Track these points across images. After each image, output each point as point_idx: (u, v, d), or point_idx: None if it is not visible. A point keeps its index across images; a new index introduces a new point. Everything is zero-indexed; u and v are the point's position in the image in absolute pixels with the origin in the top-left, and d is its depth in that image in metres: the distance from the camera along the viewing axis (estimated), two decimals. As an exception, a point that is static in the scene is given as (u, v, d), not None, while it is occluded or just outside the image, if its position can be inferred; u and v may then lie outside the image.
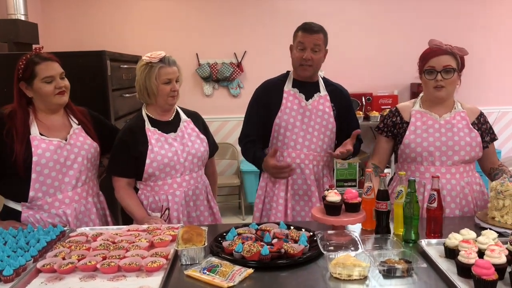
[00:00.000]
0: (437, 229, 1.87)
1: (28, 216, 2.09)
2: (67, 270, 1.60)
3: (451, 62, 2.18)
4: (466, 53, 2.21)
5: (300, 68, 2.44)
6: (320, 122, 2.48)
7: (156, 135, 2.26)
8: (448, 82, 2.19)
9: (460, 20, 5.11)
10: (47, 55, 2.13)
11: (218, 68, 5.07)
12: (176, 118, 2.37)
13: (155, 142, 2.24)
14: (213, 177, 2.58)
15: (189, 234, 1.75)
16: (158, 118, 2.32)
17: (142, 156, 2.22)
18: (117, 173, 2.28)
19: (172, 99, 2.27)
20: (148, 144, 2.22)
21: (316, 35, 2.40)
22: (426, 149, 2.22)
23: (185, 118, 2.39)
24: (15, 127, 2.06)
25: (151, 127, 2.27)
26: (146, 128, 2.26)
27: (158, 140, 2.25)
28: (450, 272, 1.52)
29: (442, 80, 2.18)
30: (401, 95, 5.15)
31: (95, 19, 4.99)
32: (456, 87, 2.25)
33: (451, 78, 2.18)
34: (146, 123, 2.28)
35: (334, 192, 1.94)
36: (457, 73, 2.20)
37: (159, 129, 2.28)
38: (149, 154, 2.21)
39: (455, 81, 2.21)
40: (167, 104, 2.28)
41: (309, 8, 5.02)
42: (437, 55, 2.19)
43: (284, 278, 1.58)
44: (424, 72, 2.23)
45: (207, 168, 2.51)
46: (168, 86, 2.23)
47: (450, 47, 2.20)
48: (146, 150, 2.21)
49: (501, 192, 1.95)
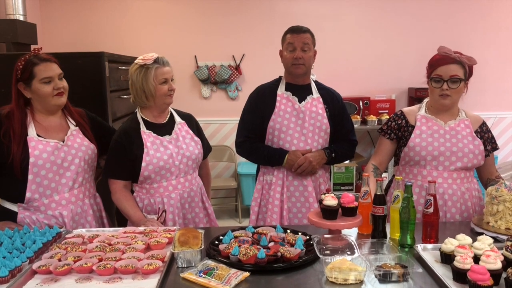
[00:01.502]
0: (433, 234, 1.88)
1: (24, 217, 2.09)
2: (63, 271, 1.60)
3: (459, 72, 2.18)
4: (474, 63, 2.22)
5: (293, 67, 2.48)
6: (314, 124, 2.51)
7: (152, 138, 2.26)
8: (454, 91, 2.20)
9: (458, 25, 5.13)
10: (46, 56, 2.13)
11: (216, 70, 5.08)
12: (171, 120, 2.38)
13: (151, 145, 2.24)
14: (207, 179, 2.59)
15: (185, 237, 1.75)
16: (153, 120, 2.33)
17: (137, 159, 2.22)
18: (113, 175, 2.28)
19: (169, 98, 2.30)
20: (143, 147, 2.23)
21: (304, 34, 2.46)
22: (430, 153, 2.23)
23: (179, 120, 2.40)
24: (13, 127, 2.05)
25: (146, 130, 2.27)
26: (141, 131, 2.27)
27: (153, 143, 2.26)
28: (445, 277, 1.52)
29: (448, 89, 2.19)
30: (399, 99, 5.16)
31: (94, 20, 4.99)
32: (462, 95, 2.26)
33: (457, 88, 2.19)
34: (141, 126, 2.28)
35: (331, 196, 1.95)
36: (463, 82, 2.21)
37: (154, 132, 2.29)
38: (144, 157, 2.21)
39: (461, 90, 2.23)
40: (165, 103, 2.30)
41: (307, 12, 5.03)
42: (445, 63, 2.20)
43: (280, 281, 1.59)
44: (431, 79, 2.24)
45: (201, 169, 2.52)
46: (165, 85, 2.26)
47: (459, 55, 2.21)
48: (142, 153, 2.22)
49: (495, 197, 1.97)
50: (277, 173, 2.53)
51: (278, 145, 2.52)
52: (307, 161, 2.44)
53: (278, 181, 2.53)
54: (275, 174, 2.54)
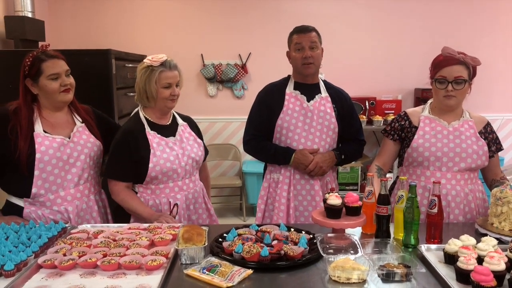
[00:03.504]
0: (437, 234, 1.87)
1: (30, 212, 2.10)
2: (67, 266, 1.61)
3: (463, 73, 2.17)
4: (478, 63, 2.20)
5: (303, 67, 2.48)
6: (322, 123, 2.51)
7: (157, 139, 2.25)
8: (458, 92, 2.19)
9: (465, 26, 5.10)
10: (53, 53, 2.14)
11: (222, 69, 5.08)
12: (174, 122, 2.38)
13: (157, 146, 2.23)
14: (206, 182, 2.59)
15: (189, 234, 1.76)
16: (156, 121, 2.31)
17: (143, 160, 2.19)
18: (116, 177, 2.23)
19: (171, 102, 2.27)
20: (149, 148, 2.21)
21: (310, 33, 2.48)
22: (433, 154, 2.23)
23: (182, 122, 2.41)
24: (20, 123, 2.07)
25: (150, 131, 2.26)
26: (146, 132, 2.25)
27: (159, 144, 2.25)
28: (449, 278, 1.52)
29: (452, 90, 2.18)
30: (405, 100, 5.15)
31: (102, 18, 5.01)
32: (466, 96, 2.25)
33: (461, 89, 2.19)
34: (146, 127, 2.26)
35: (335, 195, 1.95)
36: (468, 83, 2.20)
37: (158, 133, 2.27)
38: (151, 159, 2.19)
39: (466, 90, 2.21)
40: (166, 107, 2.28)
41: (314, 10, 5.03)
42: (449, 64, 2.18)
43: (283, 279, 1.59)
44: (435, 80, 2.23)
45: (201, 172, 2.51)
46: (167, 90, 2.23)
47: (463, 56, 2.19)
48: (148, 154, 2.20)
49: (500, 198, 1.96)
50: (284, 172, 2.53)
51: (285, 143, 2.52)
52: (318, 166, 2.44)
53: (285, 179, 2.53)
54: (282, 172, 2.54)
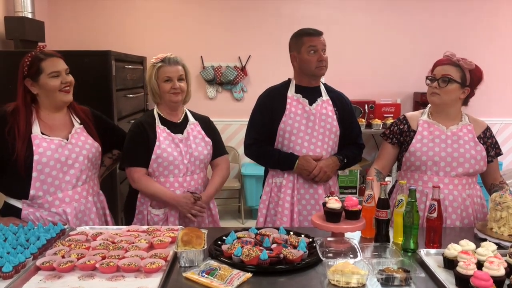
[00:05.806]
0: (436, 239, 1.87)
1: (28, 214, 2.10)
2: (66, 268, 1.61)
3: (452, 72, 2.19)
4: (471, 67, 2.19)
5: (317, 69, 2.49)
6: (324, 126, 2.51)
7: (165, 133, 2.34)
8: (443, 90, 2.20)
9: (465, 30, 5.11)
10: (51, 52, 2.17)
11: (222, 71, 5.08)
12: (184, 120, 2.44)
13: (163, 139, 2.32)
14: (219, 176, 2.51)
15: (188, 236, 1.76)
16: (167, 117, 2.41)
17: (149, 150, 2.29)
18: (135, 164, 2.33)
19: (174, 96, 2.34)
20: (156, 141, 2.30)
21: (322, 37, 2.50)
22: (431, 158, 2.23)
23: (192, 121, 2.46)
24: (18, 125, 2.06)
25: (160, 125, 2.36)
26: (156, 125, 2.35)
27: (166, 138, 2.33)
28: (448, 283, 1.52)
29: (437, 87, 2.21)
30: (404, 103, 5.16)
31: (102, 19, 5.01)
32: (456, 99, 2.24)
33: (445, 87, 2.19)
34: (156, 121, 2.36)
35: (334, 199, 1.94)
36: (457, 84, 2.20)
37: (168, 128, 2.36)
38: (155, 150, 2.29)
39: (453, 92, 2.21)
40: (170, 101, 2.36)
41: (314, 14, 5.04)
42: (441, 64, 2.23)
43: (282, 283, 1.59)
44: (426, 78, 2.28)
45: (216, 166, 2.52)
46: (168, 84, 2.33)
47: (458, 58, 2.21)
48: (154, 146, 2.29)
49: (499, 203, 1.96)
50: (287, 176, 2.52)
51: (288, 147, 2.51)
52: (322, 171, 2.44)
53: (288, 183, 2.51)
54: (285, 176, 2.52)
